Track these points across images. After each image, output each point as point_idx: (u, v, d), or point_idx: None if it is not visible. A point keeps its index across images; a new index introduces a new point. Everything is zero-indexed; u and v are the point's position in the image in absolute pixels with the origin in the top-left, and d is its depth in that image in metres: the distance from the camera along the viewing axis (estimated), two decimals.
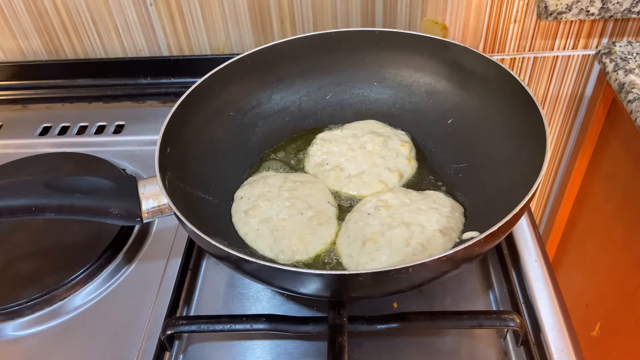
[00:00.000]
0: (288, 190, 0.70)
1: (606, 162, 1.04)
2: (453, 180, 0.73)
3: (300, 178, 0.74)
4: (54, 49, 1.01)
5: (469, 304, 0.65)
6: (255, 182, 0.73)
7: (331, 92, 0.85)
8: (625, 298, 0.99)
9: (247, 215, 0.68)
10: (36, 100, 1.02)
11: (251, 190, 0.71)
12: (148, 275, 0.70)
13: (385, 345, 0.61)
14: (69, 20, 0.97)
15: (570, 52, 0.99)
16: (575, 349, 0.59)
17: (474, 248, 0.50)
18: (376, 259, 0.61)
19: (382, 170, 0.74)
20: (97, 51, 1.01)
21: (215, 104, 0.76)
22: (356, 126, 0.81)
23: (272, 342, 0.63)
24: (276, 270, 0.52)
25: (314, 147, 0.78)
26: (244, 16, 0.95)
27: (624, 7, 0.88)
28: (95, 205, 0.58)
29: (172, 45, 1.00)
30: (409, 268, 0.48)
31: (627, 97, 0.86)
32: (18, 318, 0.66)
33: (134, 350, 0.61)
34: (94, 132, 0.93)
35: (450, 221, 0.65)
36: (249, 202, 0.70)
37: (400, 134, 0.79)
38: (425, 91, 0.82)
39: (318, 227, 0.66)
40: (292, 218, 0.67)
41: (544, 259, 0.68)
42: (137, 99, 1.00)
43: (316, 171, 0.76)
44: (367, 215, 0.67)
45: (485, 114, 0.74)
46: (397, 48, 0.81)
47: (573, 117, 1.10)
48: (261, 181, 0.73)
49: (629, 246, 0.97)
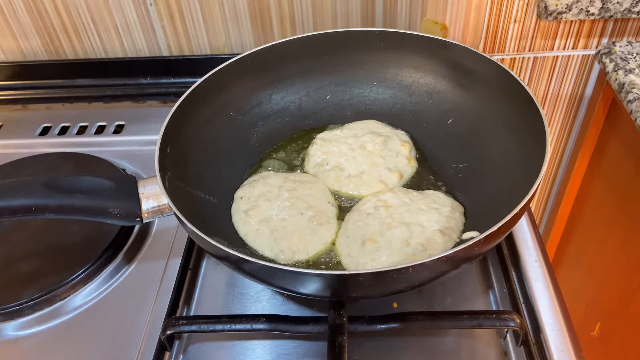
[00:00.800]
0: (288, 190, 0.70)
1: (606, 162, 1.04)
2: (453, 180, 0.73)
3: (300, 178, 0.74)
4: (54, 49, 1.02)
5: (469, 304, 0.65)
6: (255, 182, 0.73)
7: (331, 92, 0.85)
8: (625, 298, 0.99)
9: (247, 215, 0.68)
10: (36, 100, 1.02)
11: (251, 190, 0.71)
12: (148, 275, 0.70)
13: (386, 346, 0.61)
14: (69, 20, 0.97)
15: (570, 52, 0.99)
16: (575, 349, 0.59)
17: (474, 248, 0.50)
18: (376, 259, 0.61)
19: (382, 170, 0.74)
20: (97, 51, 1.01)
21: (215, 104, 0.76)
22: (356, 126, 0.81)
23: (272, 342, 0.63)
24: (276, 270, 0.52)
25: (313, 147, 0.78)
26: (244, 16, 0.95)
27: (623, 7, 0.88)
28: (95, 205, 0.58)
29: (172, 45, 1.00)
30: (409, 268, 0.48)
31: (627, 97, 0.86)
32: (18, 318, 0.66)
33: (134, 351, 0.61)
34: (94, 132, 0.93)
35: (450, 221, 0.65)
36: (249, 202, 0.70)
37: (400, 134, 0.79)
38: (425, 91, 0.82)
39: (318, 227, 0.66)
40: (292, 218, 0.67)
41: (544, 259, 0.68)
42: (137, 99, 1.00)
43: (316, 171, 0.76)
44: (367, 215, 0.67)
45: (485, 114, 0.74)
46: (397, 48, 0.81)
47: (573, 117, 1.10)
48: (261, 181, 0.73)
49: (629, 246, 0.97)
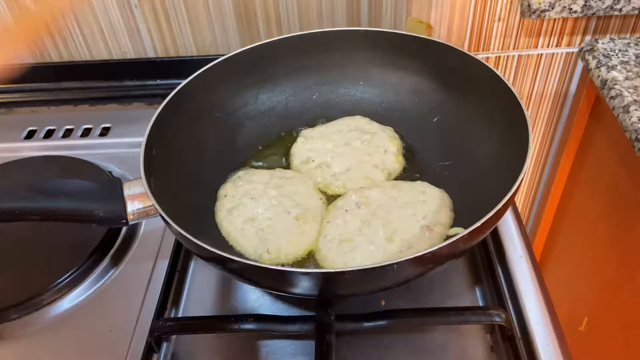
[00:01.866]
0: (274, 187, 0.70)
1: (590, 159, 1.06)
2: (439, 178, 0.74)
3: (286, 174, 0.74)
4: (39, 52, 1.01)
5: (456, 300, 0.66)
6: (240, 179, 0.72)
7: (317, 91, 0.85)
8: (611, 292, 1.00)
9: (231, 214, 0.68)
10: (21, 103, 1.01)
11: (235, 188, 0.71)
12: (136, 278, 0.70)
13: (374, 344, 0.62)
14: (54, 23, 0.96)
15: (554, 50, 1.00)
16: (560, 343, 0.59)
17: (459, 244, 0.51)
18: (355, 257, 0.61)
19: (369, 167, 0.74)
20: (82, 53, 1.01)
21: (201, 104, 0.76)
22: (342, 122, 0.81)
23: (261, 342, 0.63)
24: (262, 270, 0.52)
25: (297, 144, 0.78)
26: (229, 17, 0.95)
27: (606, 4, 0.89)
28: (79, 207, 0.58)
29: (157, 47, 0.99)
30: (394, 265, 0.48)
31: (609, 93, 0.87)
32: (4, 322, 0.65)
33: (121, 353, 0.61)
34: (80, 135, 0.93)
35: (437, 216, 0.65)
36: (233, 200, 0.69)
37: (388, 131, 0.79)
38: (410, 90, 0.82)
39: (304, 225, 0.66)
40: (278, 217, 0.67)
41: (529, 254, 0.69)
42: (123, 101, 1.00)
43: (302, 169, 0.76)
44: (345, 212, 0.67)
45: (470, 112, 0.75)
46: (383, 47, 0.81)
47: (558, 115, 1.11)
48: (246, 177, 0.72)
49: (614, 241, 0.98)
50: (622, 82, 0.87)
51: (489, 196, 0.59)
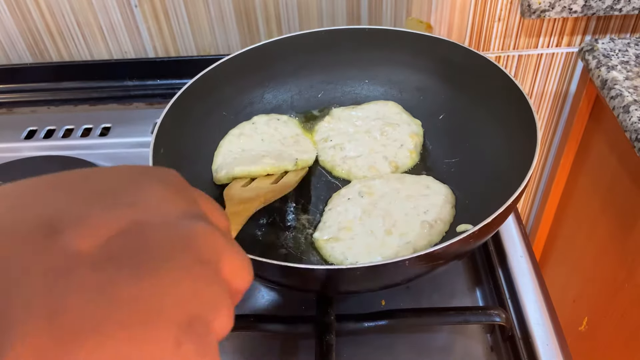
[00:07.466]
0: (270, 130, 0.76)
1: (591, 158, 1.06)
2: (445, 175, 0.73)
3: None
4: (39, 52, 1.01)
5: (457, 300, 0.66)
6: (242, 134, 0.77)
7: (323, 90, 0.85)
8: (611, 292, 1.00)
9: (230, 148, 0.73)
10: (21, 103, 1.01)
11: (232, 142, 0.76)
12: None
13: (374, 344, 0.62)
14: (54, 23, 0.97)
15: (554, 50, 1.00)
16: (560, 343, 0.59)
17: (469, 240, 0.51)
18: (352, 247, 0.61)
19: (378, 157, 0.74)
20: (82, 53, 1.01)
21: (208, 103, 0.76)
22: (374, 107, 0.81)
23: (260, 342, 0.63)
24: (264, 264, 0.51)
25: (323, 122, 0.80)
26: (229, 16, 0.95)
27: (606, 4, 0.89)
28: None
29: (157, 47, 0.99)
30: (405, 261, 0.48)
31: (609, 93, 0.87)
32: None
33: None
34: (80, 135, 0.93)
35: (439, 211, 0.65)
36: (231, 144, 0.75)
37: (414, 125, 0.79)
38: (415, 87, 0.82)
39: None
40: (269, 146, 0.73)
41: (529, 254, 0.69)
42: (123, 101, 1.00)
43: (320, 145, 0.77)
44: (347, 199, 0.67)
45: (475, 109, 0.75)
46: (387, 45, 0.81)
47: (558, 115, 1.11)
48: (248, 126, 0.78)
49: (614, 240, 0.98)
50: (622, 82, 0.87)
51: (495, 193, 0.59)
